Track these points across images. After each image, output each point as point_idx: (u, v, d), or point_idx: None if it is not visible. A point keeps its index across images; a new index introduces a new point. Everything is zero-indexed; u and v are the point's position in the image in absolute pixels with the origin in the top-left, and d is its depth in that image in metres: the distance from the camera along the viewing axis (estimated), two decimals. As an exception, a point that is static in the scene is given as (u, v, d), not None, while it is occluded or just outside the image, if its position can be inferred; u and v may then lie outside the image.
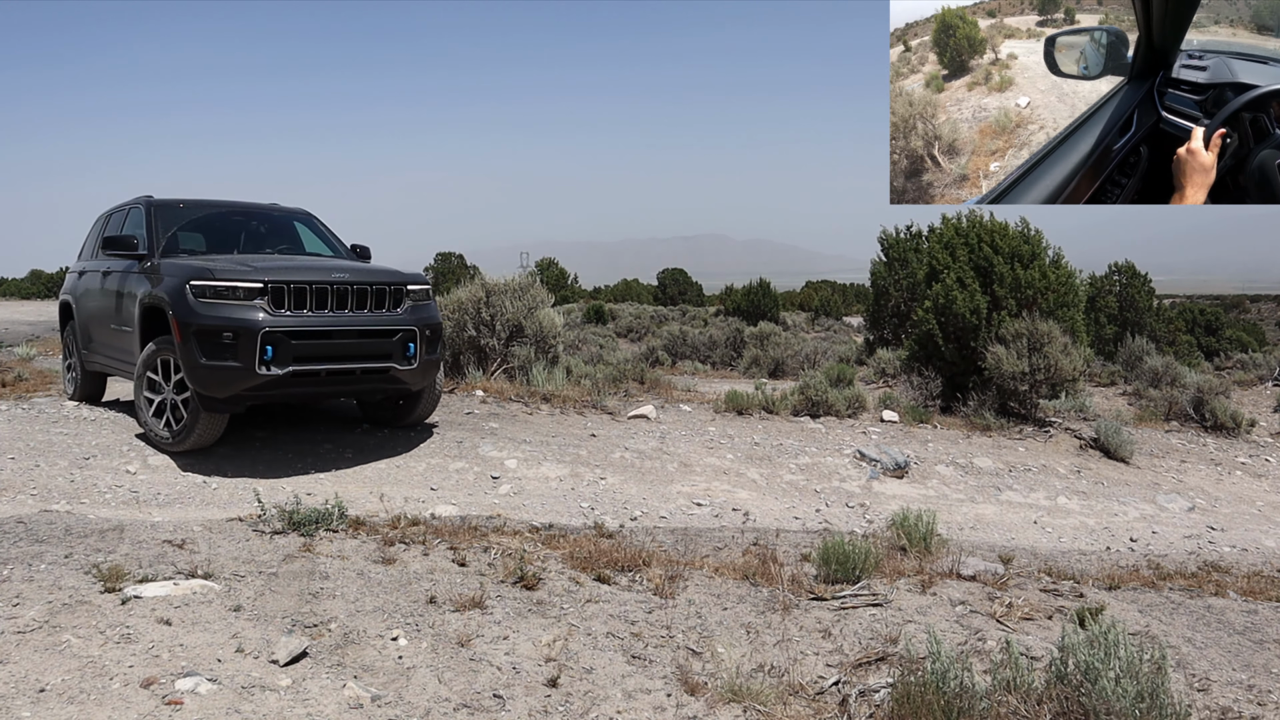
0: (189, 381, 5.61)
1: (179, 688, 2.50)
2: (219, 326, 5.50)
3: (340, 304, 5.90)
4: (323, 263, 6.60)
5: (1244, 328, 27.50)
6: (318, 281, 5.81)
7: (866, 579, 3.74)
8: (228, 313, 5.55)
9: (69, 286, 8.19)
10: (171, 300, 5.67)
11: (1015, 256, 9.69)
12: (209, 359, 5.50)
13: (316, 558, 3.59)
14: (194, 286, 5.61)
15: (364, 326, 5.96)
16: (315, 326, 5.75)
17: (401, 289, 6.26)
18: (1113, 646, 2.50)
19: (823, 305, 33.28)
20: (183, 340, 5.54)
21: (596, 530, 4.46)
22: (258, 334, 5.49)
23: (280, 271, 5.79)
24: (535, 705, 2.60)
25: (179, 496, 5.40)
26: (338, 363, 5.90)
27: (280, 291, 5.66)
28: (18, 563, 3.32)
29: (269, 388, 5.65)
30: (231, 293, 5.59)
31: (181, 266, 5.90)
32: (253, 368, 5.50)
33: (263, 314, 5.58)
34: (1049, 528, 6.54)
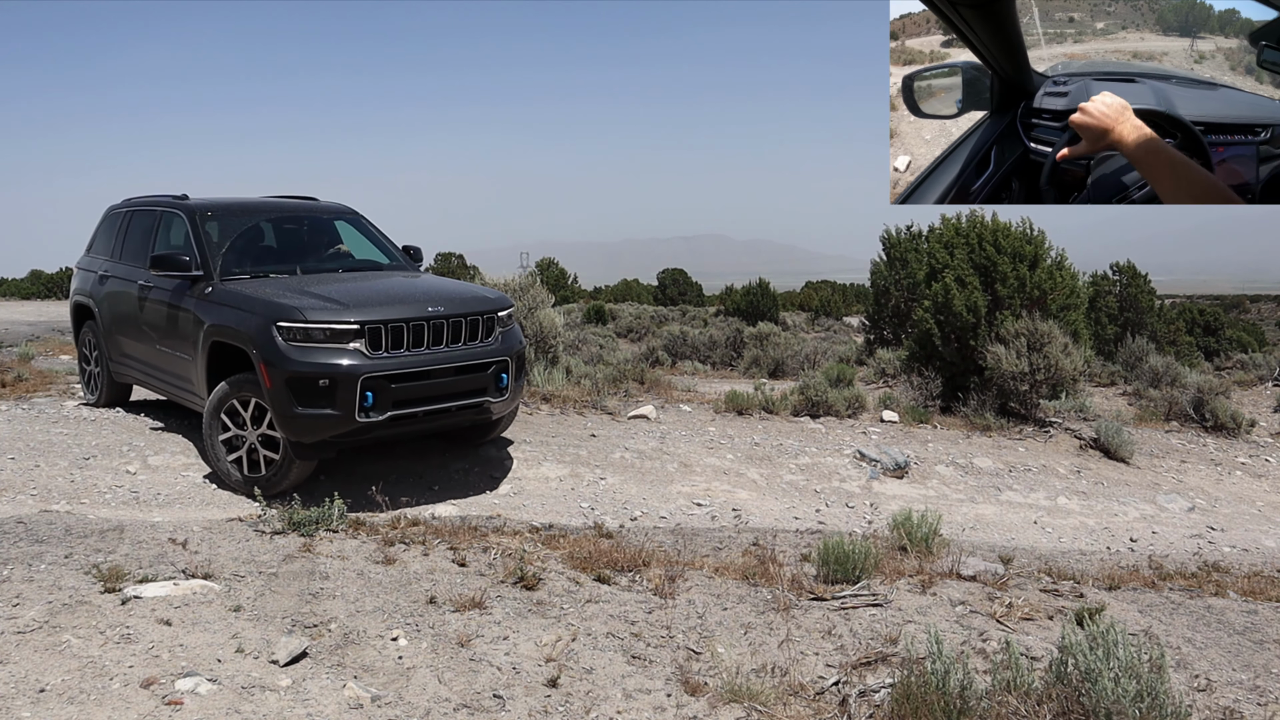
0: (280, 429, 5.23)
1: (179, 688, 2.50)
2: (314, 374, 5.09)
3: (436, 339, 5.51)
4: (412, 290, 6.04)
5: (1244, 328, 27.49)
6: (415, 319, 5.41)
7: (866, 579, 3.74)
8: (323, 358, 5.14)
9: (87, 288, 7.61)
10: (258, 342, 5.21)
11: (1018, 256, 9.69)
12: (304, 407, 5.10)
13: (316, 558, 3.59)
14: (282, 328, 5.18)
15: (461, 363, 5.58)
16: (414, 367, 5.37)
17: (494, 317, 5.89)
18: (1113, 646, 2.50)
19: (823, 305, 33.27)
20: (273, 386, 5.13)
21: (596, 530, 4.46)
22: (357, 381, 5.11)
23: (374, 307, 5.39)
24: (535, 705, 2.60)
25: (179, 496, 5.40)
26: (435, 403, 5.52)
27: (377, 332, 5.26)
28: (18, 563, 3.32)
29: (365, 433, 5.29)
30: (325, 335, 5.18)
31: (263, 302, 5.41)
32: (352, 415, 5.13)
33: (361, 358, 5.19)
34: (1049, 528, 6.54)
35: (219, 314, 5.65)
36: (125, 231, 7.33)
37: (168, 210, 6.83)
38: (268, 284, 5.89)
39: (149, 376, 6.71)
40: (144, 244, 6.90)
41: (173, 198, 6.91)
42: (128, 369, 7.04)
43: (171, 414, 7.10)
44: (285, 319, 5.22)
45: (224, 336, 5.53)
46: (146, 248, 6.78)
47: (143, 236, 7.03)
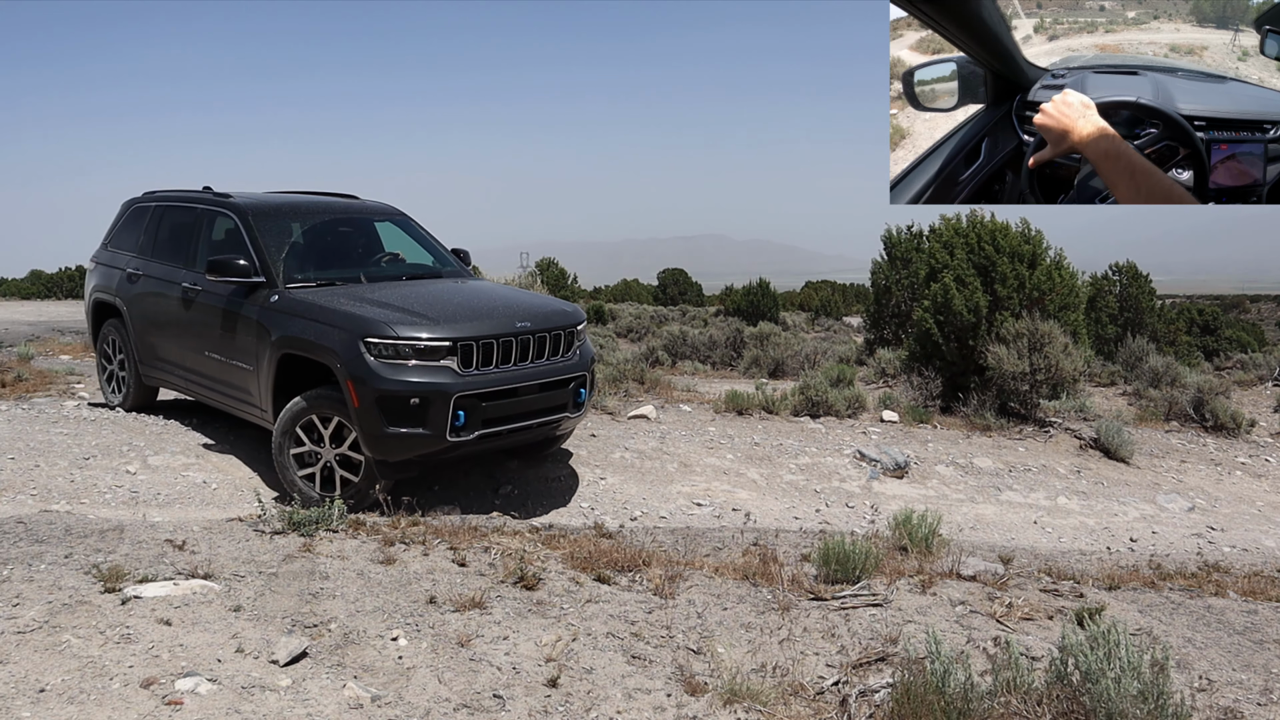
0: (366, 448, 5.04)
1: (179, 688, 2.50)
2: (406, 393, 4.90)
3: (522, 355, 5.37)
4: (496, 303, 5.78)
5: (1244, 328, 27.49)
6: (504, 335, 5.25)
7: (866, 579, 3.74)
8: (415, 376, 4.94)
9: (112, 285, 7.21)
10: (344, 358, 4.98)
11: (1017, 256, 9.69)
12: (394, 426, 4.91)
13: (316, 558, 3.59)
14: (371, 344, 4.97)
15: (545, 379, 5.46)
16: (503, 385, 5.22)
17: (573, 331, 5.75)
18: (1114, 647, 2.50)
19: (823, 305, 33.28)
20: (361, 405, 4.92)
21: (596, 530, 4.46)
22: (450, 400, 4.95)
23: (465, 322, 5.21)
24: (535, 705, 2.60)
25: (179, 496, 5.40)
26: (520, 420, 5.38)
27: (470, 349, 5.09)
28: (18, 563, 3.32)
29: (452, 451, 5.14)
30: (416, 351, 4.98)
31: (347, 315, 5.19)
32: (443, 435, 4.97)
33: (453, 376, 5.01)
34: (1049, 528, 6.54)
35: (290, 325, 5.38)
36: (156, 227, 6.97)
37: (213, 208, 6.47)
38: (339, 293, 5.65)
39: (191, 382, 6.44)
40: (184, 242, 6.60)
41: (214, 194, 6.57)
42: (161, 372, 6.79)
43: (172, 414, 7.10)
44: (374, 334, 5.00)
45: (298, 349, 5.31)
46: (188, 246, 6.51)
47: (181, 234, 6.69)
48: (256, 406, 5.73)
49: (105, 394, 7.50)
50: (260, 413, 5.72)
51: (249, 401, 5.81)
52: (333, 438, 5.24)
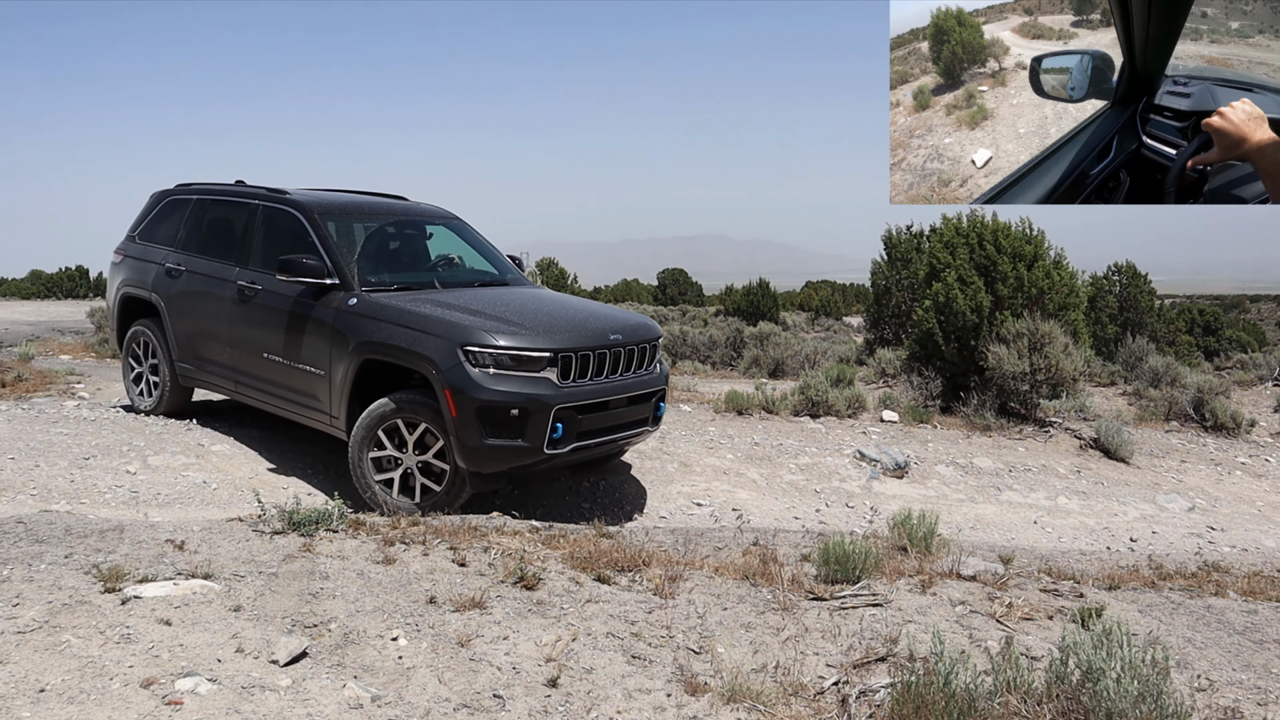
0: (461, 459, 4.93)
1: (179, 688, 2.50)
2: (506, 403, 4.81)
3: (614, 368, 5.33)
4: (588, 315, 5.69)
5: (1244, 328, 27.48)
6: (599, 347, 5.21)
7: (866, 579, 3.73)
8: (516, 386, 4.86)
9: (146, 281, 6.90)
10: (442, 366, 4.87)
11: (1017, 256, 9.69)
12: (492, 438, 4.83)
13: (316, 558, 3.59)
14: (471, 353, 4.87)
15: (634, 392, 5.43)
16: (598, 397, 5.17)
17: (655, 345, 5.73)
18: (1115, 646, 2.50)
19: (823, 305, 33.28)
20: (459, 415, 4.82)
21: (596, 530, 4.46)
22: (550, 411, 4.89)
23: (562, 333, 5.14)
24: (535, 705, 2.60)
25: (179, 496, 5.40)
26: (610, 433, 5.36)
27: (569, 360, 5.04)
28: (18, 563, 3.32)
29: (545, 463, 5.09)
30: (517, 361, 4.90)
31: (443, 322, 5.07)
32: (540, 447, 4.91)
33: (552, 388, 4.94)
34: (1049, 528, 6.54)
35: (376, 330, 5.23)
36: (198, 221, 6.73)
37: (271, 205, 6.25)
38: (423, 299, 5.51)
39: (241, 384, 6.23)
40: (235, 238, 6.37)
41: (269, 190, 6.36)
42: (204, 373, 6.54)
43: (172, 414, 7.10)
44: (474, 343, 4.90)
45: (384, 355, 5.17)
46: (241, 243, 6.29)
47: (231, 230, 6.46)
48: (323, 412, 5.58)
49: (132, 397, 7.19)
50: (328, 419, 5.55)
51: (314, 407, 5.65)
52: (417, 446, 5.14)
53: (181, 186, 7.13)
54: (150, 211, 7.20)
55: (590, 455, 5.45)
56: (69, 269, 34.89)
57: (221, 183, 6.85)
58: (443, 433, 4.98)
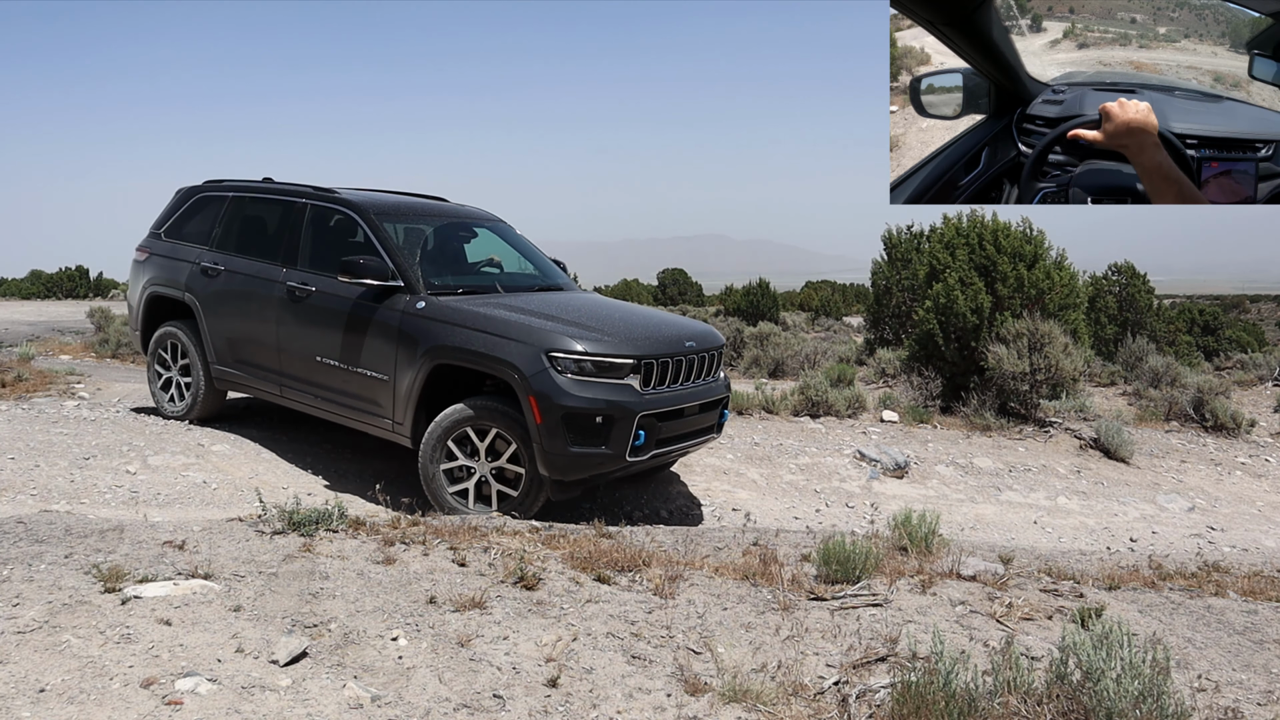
0: (544, 467, 4.87)
1: (179, 688, 2.50)
2: (591, 410, 4.77)
3: (687, 375, 5.32)
4: (662, 322, 5.67)
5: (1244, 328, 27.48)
6: (676, 354, 5.19)
7: (866, 579, 3.73)
8: (601, 393, 4.82)
9: (180, 279, 6.64)
10: (528, 373, 4.80)
11: (1018, 256, 9.69)
12: (576, 445, 4.79)
13: (316, 558, 3.59)
14: (556, 359, 4.81)
15: (704, 400, 5.43)
16: (675, 404, 5.14)
17: (721, 353, 5.74)
18: (1115, 646, 2.49)
19: (823, 305, 33.29)
20: (544, 422, 4.76)
21: (596, 530, 4.46)
22: (634, 418, 4.86)
23: (643, 340, 5.10)
24: (535, 705, 2.60)
25: (179, 496, 5.40)
26: (682, 440, 5.36)
27: (650, 367, 5.01)
28: (18, 563, 3.32)
29: (624, 470, 5.07)
30: (601, 368, 4.86)
31: (524, 327, 4.99)
32: (623, 454, 4.87)
33: (635, 395, 4.91)
34: (1049, 528, 6.54)
35: (449, 335, 5.14)
36: (236, 220, 6.55)
37: (322, 204, 6.10)
38: (494, 303, 5.41)
39: (286, 387, 6.07)
40: (281, 238, 6.18)
41: (314, 188, 6.21)
42: (244, 375, 6.33)
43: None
44: (559, 349, 4.84)
45: (461, 361, 5.08)
46: (289, 242, 6.11)
47: (275, 229, 6.28)
48: (384, 418, 5.48)
49: (159, 403, 6.96)
50: (389, 425, 5.45)
51: (373, 412, 5.54)
52: (490, 452, 5.09)
53: (212, 183, 6.93)
54: (178, 208, 6.99)
55: (659, 462, 5.46)
56: (69, 269, 34.92)
57: (264, 181, 6.67)
58: (520, 439, 4.93)
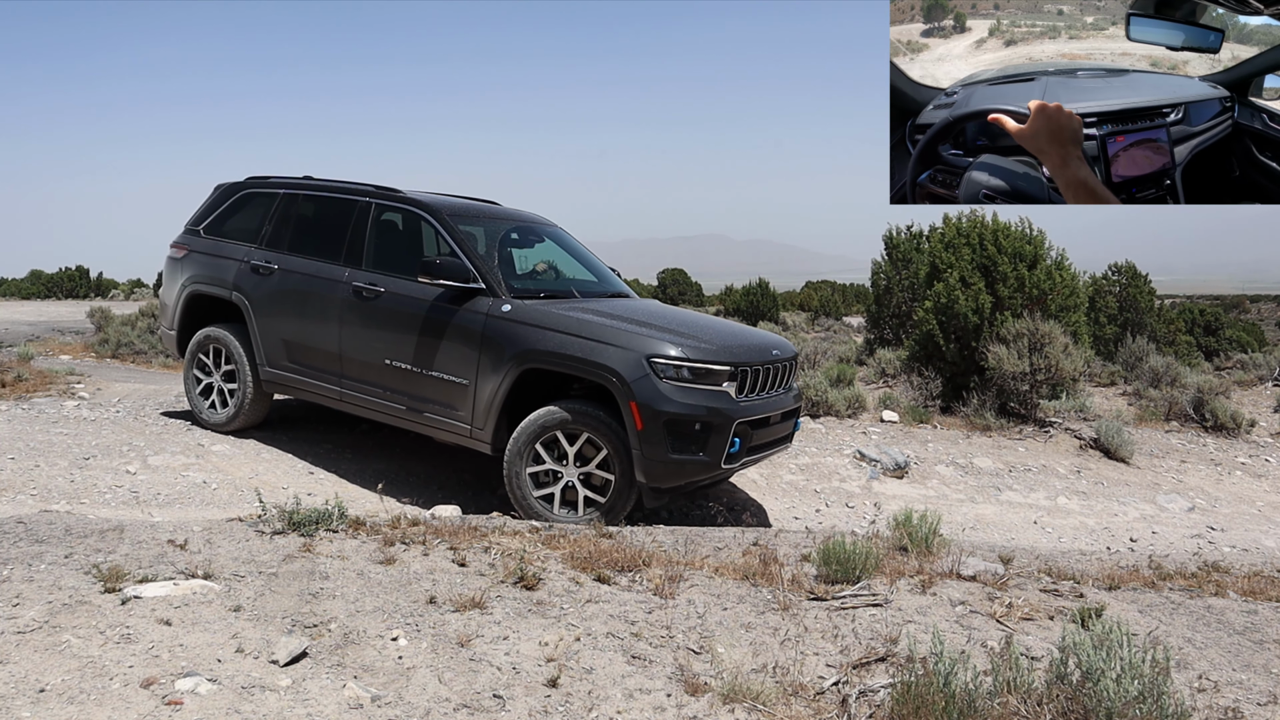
0: (641, 473, 4.83)
1: (179, 688, 2.50)
2: (692, 416, 4.76)
3: (771, 384, 5.32)
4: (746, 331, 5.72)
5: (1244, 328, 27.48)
6: (764, 363, 5.19)
7: (866, 579, 3.73)
8: (701, 400, 4.81)
9: (228, 278, 6.39)
10: (630, 378, 4.77)
11: (1018, 257, 9.70)
12: (676, 452, 4.77)
13: (316, 558, 3.59)
14: (657, 365, 4.79)
15: (784, 408, 5.43)
16: (764, 412, 5.15)
17: (796, 362, 5.75)
18: (1115, 647, 2.49)
19: (823, 305, 33.30)
20: (645, 428, 4.73)
21: (596, 530, 4.46)
22: (732, 425, 4.86)
23: (735, 348, 5.11)
24: (535, 705, 2.60)
25: (179, 496, 5.40)
26: (765, 449, 5.35)
27: (744, 374, 5.01)
28: (18, 563, 3.32)
29: (716, 477, 5.07)
30: (699, 375, 4.84)
31: (625, 333, 4.96)
32: (719, 461, 4.87)
33: (731, 402, 4.91)
34: (1049, 528, 6.54)
35: (540, 339, 5.07)
36: (288, 218, 6.34)
37: (390, 205, 5.98)
38: (582, 308, 5.36)
39: (350, 392, 5.86)
40: (342, 238, 6.03)
41: (377, 187, 6.10)
42: (299, 380, 6.11)
43: (172, 413, 7.10)
44: (661, 354, 4.82)
45: (555, 365, 5.02)
46: (352, 243, 5.95)
47: (335, 228, 6.11)
48: (462, 423, 5.37)
49: (199, 410, 6.64)
50: (467, 430, 5.35)
51: (450, 417, 5.42)
52: (579, 457, 5.05)
53: (256, 179, 6.74)
54: (219, 205, 6.77)
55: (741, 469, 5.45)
56: (69, 269, 34.91)
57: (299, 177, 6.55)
58: (613, 445, 4.91)
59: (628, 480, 4.94)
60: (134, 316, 15.59)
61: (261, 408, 6.50)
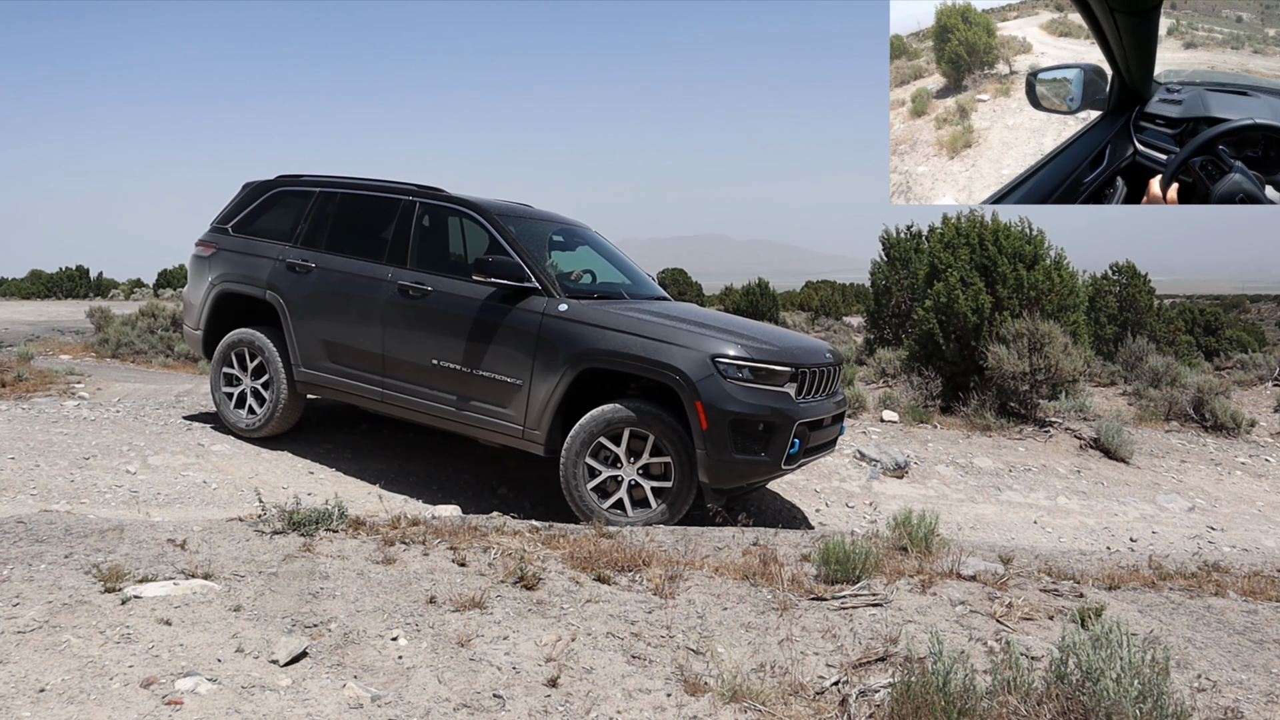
0: (705, 473, 4.84)
1: (179, 688, 2.50)
2: (756, 416, 4.77)
3: (823, 387, 5.33)
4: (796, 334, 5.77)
5: (1244, 328, 27.49)
6: (821, 365, 5.23)
7: (866, 579, 3.73)
8: (765, 400, 4.82)
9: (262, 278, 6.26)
10: (696, 378, 4.77)
11: (1018, 257, 9.70)
12: (740, 452, 4.78)
13: (316, 558, 3.59)
14: (722, 365, 4.80)
15: (834, 412, 5.45)
16: (819, 415, 5.16)
17: (843, 367, 5.77)
18: (1115, 646, 2.49)
19: (823, 305, 33.29)
20: (710, 428, 4.73)
21: (596, 530, 4.46)
22: (793, 425, 4.87)
23: (794, 350, 5.13)
24: (535, 705, 2.60)
25: (179, 496, 5.40)
26: (816, 453, 5.36)
27: (804, 376, 5.02)
28: (18, 563, 3.32)
29: (772, 478, 5.11)
30: (762, 375, 4.85)
31: (688, 332, 4.96)
32: (779, 462, 4.88)
33: (792, 403, 4.93)
34: (1049, 528, 6.54)
35: (601, 339, 5.04)
36: (324, 216, 6.22)
37: (435, 204, 5.91)
38: (637, 309, 5.33)
39: (393, 393, 5.76)
40: (384, 237, 5.95)
41: (418, 186, 6.02)
42: (337, 381, 5.97)
43: (172, 412, 7.10)
44: (726, 355, 4.83)
45: (616, 365, 5.00)
46: (396, 242, 5.88)
47: (377, 228, 6.04)
48: (514, 424, 5.31)
49: (227, 417, 6.45)
50: (519, 431, 5.30)
51: (501, 418, 5.36)
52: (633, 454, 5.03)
53: (288, 177, 6.63)
54: (250, 203, 6.66)
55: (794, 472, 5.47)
56: (69, 269, 34.93)
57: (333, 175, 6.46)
58: (673, 444, 4.90)
59: (688, 479, 4.93)
60: (134, 316, 15.59)
61: (295, 411, 6.35)
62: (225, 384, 6.48)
